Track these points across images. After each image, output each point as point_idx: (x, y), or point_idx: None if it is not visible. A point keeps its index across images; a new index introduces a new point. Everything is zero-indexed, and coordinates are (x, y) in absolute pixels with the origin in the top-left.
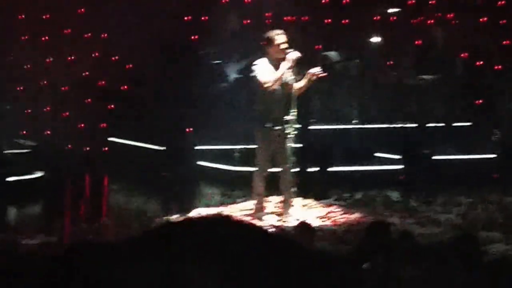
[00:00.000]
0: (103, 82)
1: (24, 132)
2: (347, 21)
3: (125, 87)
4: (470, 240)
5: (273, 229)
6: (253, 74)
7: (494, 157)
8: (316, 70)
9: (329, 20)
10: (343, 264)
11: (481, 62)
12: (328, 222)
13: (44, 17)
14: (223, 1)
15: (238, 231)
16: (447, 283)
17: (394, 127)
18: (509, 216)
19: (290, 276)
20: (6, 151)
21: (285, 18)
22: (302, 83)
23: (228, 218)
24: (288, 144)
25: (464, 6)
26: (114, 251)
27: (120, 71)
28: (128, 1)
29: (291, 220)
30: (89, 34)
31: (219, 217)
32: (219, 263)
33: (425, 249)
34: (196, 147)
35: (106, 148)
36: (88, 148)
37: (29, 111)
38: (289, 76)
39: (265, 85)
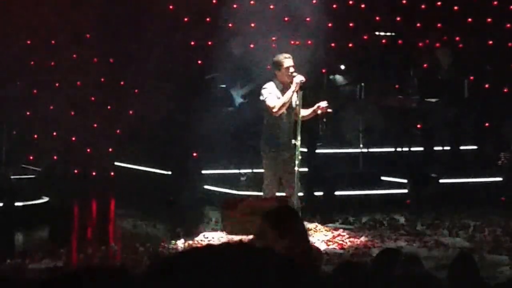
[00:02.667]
0: (109, 107)
1: (31, 157)
2: (352, 44)
3: (131, 111)
4: (468, 261)
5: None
6: (260, 98)
7: (501, 180)
8: (324, 104)
9: (335, 44)
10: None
11: (488, 85)
12: (334, 246)
13: (51, 41)
14: (229, 25)
15: (249, 256)
16: None
17: (400, 151)
18: None
19: None
20: (12, 176)
21: (291, 42)
22: (308, 111)
23: (241, 244)
24: (295, 168)
25: (471, 29)
26: (122, 276)
27: (126, 95)
28: (134, 26)
29: None
30: (96, 59)
31: (232, 244)
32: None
33: (432, 273)
34: (203, 171)
35: (112, 173)
36: (94, 173)
37: (36, 136)
38: (295, 100)
39: (273, 110)
